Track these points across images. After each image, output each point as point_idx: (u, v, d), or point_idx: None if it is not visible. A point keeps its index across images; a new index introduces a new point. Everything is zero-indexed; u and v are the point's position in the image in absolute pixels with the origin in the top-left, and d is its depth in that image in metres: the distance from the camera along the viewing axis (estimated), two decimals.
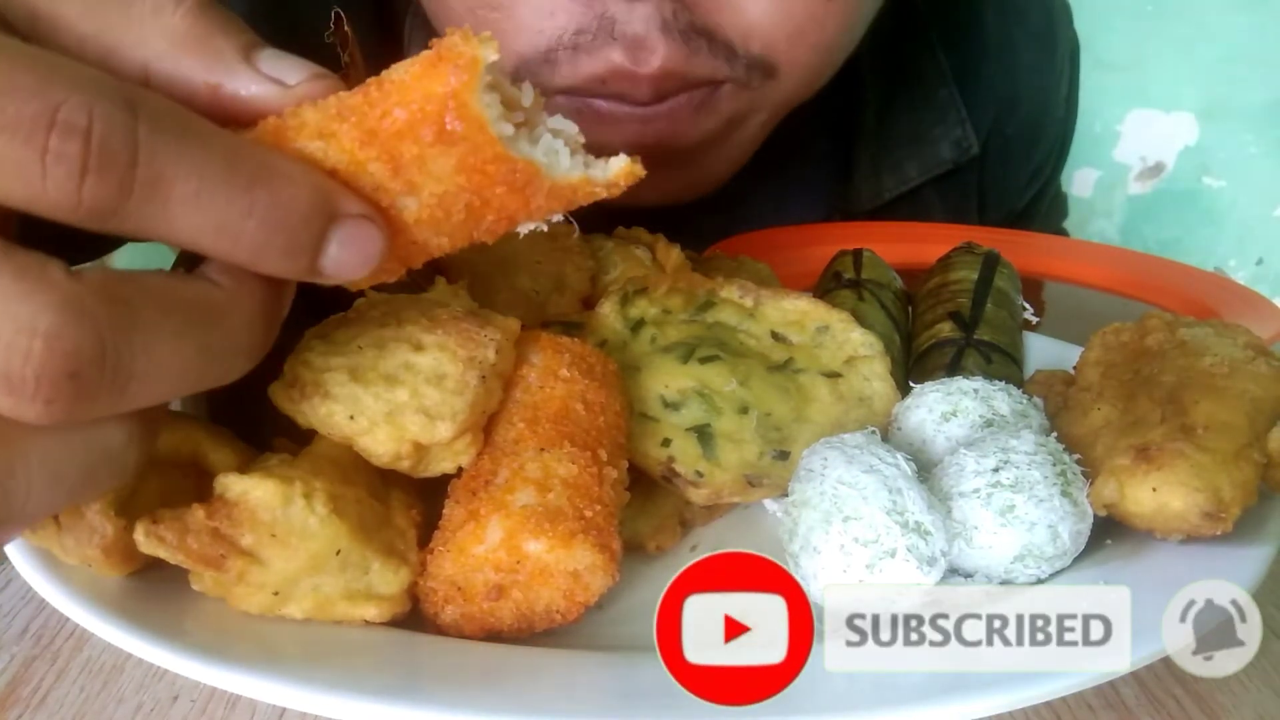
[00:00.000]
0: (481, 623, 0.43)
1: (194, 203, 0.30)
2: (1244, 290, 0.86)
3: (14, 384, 0.28)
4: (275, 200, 0.32)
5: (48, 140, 0.28)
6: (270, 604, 0.41)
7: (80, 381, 0.29)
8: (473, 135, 0.34)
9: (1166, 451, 0.44)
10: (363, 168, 0.35)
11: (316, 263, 0.34)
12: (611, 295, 0.60)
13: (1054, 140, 1.13)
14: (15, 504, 0.31)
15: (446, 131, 0.34)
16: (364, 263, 0.35)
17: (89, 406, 0.30)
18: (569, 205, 0.38)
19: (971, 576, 0.47)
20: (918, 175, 1.00)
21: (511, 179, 0.35)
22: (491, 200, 0.36)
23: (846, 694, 0.40)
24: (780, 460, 0.53)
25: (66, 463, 0.31)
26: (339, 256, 0.34)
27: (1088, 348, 0.58)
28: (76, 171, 0.28)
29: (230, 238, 0.32)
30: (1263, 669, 0.48)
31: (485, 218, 0.37)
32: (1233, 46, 1.89)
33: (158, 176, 0.29)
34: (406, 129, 0.34)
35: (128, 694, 0.47)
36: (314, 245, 0.34)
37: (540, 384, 0.48)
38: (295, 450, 0.45)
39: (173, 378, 0.32)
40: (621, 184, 0.38)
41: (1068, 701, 0.46)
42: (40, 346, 0.28)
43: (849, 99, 0.98)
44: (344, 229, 0.34)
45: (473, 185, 0.35)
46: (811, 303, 0.61)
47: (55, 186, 0.28)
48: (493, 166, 0.35)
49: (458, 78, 0.33)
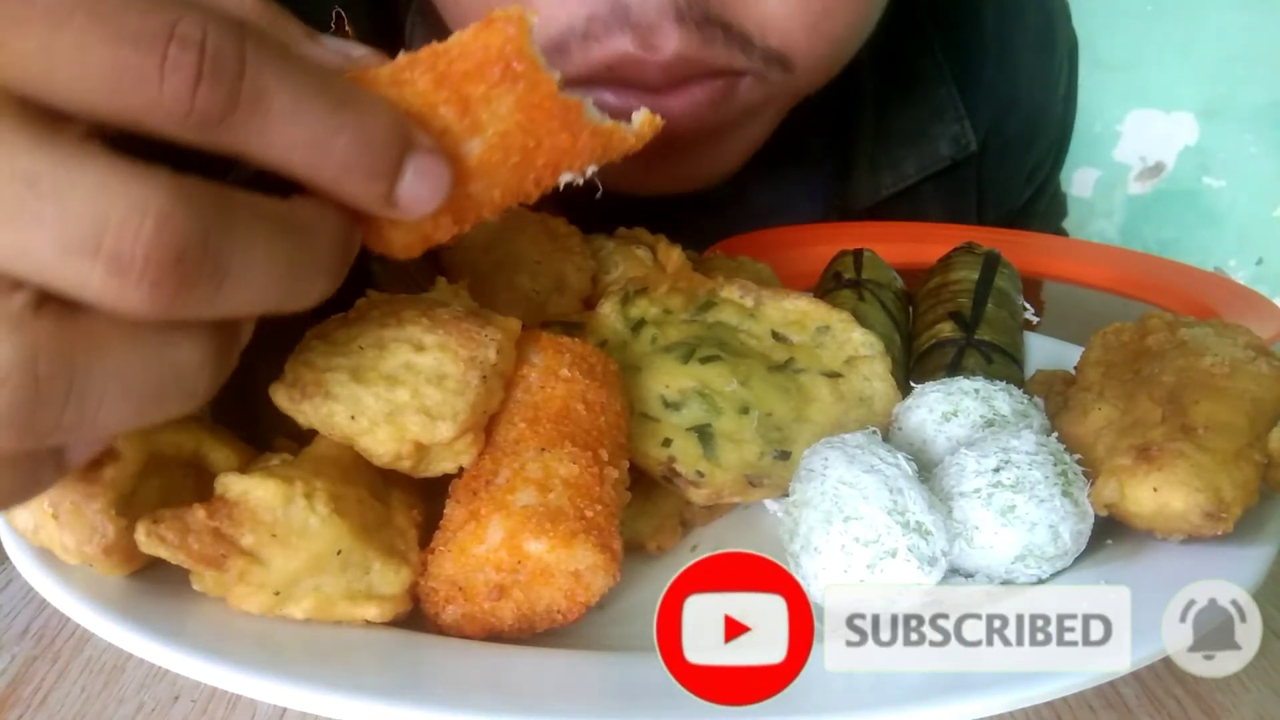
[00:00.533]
0: (482, 623, 0.43)
1: (291, 117, 0.32)
2: (1244, 290, 0.86)
3: (123, 263, 0.29)
4: (361, 121, 0.34)
5: (166, 49, 0.29)
6: (271, 604, 0.41)
7: (184, 267, 0.30)
8: (530, 73, 0.38)
9: (1167, 452, 0.44)
10: (434, 110, 0.38)
11: (393, 190, 0.36)
12: (612, 295, 0.60)
13: (1053, 138, 1.13)
14: (88, 410, 0.31)
15: (511, 69, 0.38)
16: (433, 196, 0.37)
17: (187, 298, 0.31)
18: (605, 152, 0.41)
19: (972, 576, 0.47)
20: (916, 173, 1.00)
21: (564, 115, 0.39)
22: (544, 140, 0.40)
23: (846, 694, 0.40)
24: (781, 460, 0.53)
25: (141, 375, 0.32)
26: (413, 186, 0.36)
27: (1088, 348, 0.58)
28: (191, 79, 0.30)
29: (321, 153, 0.34)
30: (1263, 669, 0.48)
31: (537, 161, 0.40)
32: (1233, 46, 1.89)
33: (262, 89, 0.31)
34: (474, 70, 0.38)
35: (129, 694, 0.47)
36: (393, 170, 0.36)
37: (541, 384, 0.48)
38: (296, 450, 0.45)
39: (262, 286, 0.33)
40: (646, 134, 0.42)
41: (1068, 701, 0.46)
42: (151, 226, 0.29)
43: (847, 97, 0.98)
44: (418, 159, 0.37)
45: (530, 123, 0.39)
46: (812, 303, 0.61)
47: (171, 93, 0.30)
48: (548, 103, 0.39)
49: (513, 28, 0.38)
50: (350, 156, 0.34)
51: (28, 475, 0.34)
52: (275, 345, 0.38)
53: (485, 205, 0.41)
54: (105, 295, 0.30)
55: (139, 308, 0.30)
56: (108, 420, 0.32)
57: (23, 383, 0.29)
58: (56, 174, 0.29)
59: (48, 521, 0.41)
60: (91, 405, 0.31)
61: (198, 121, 0.31)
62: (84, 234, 0.29)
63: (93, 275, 0.29)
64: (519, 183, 0.41)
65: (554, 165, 0.41)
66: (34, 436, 0.30)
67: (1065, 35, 1.11)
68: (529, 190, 0.41)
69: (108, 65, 0.29)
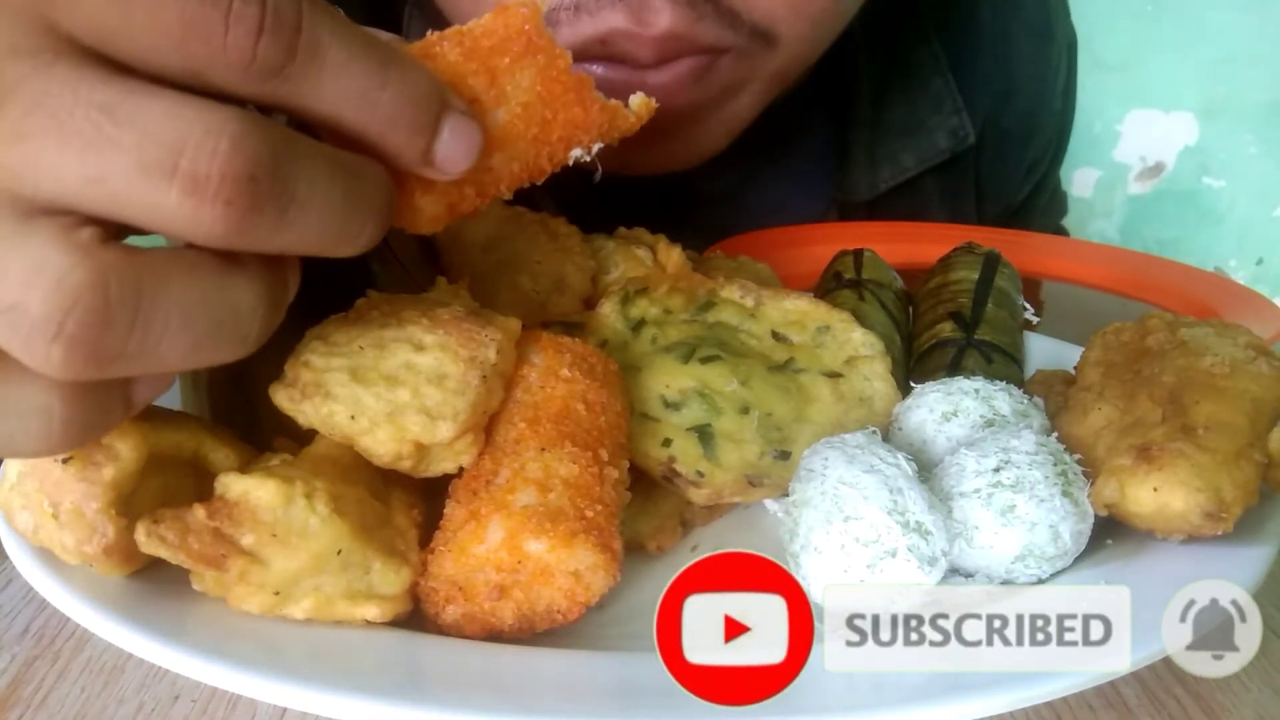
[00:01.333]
0: (483, 623, 0.43)
1: (342, 70, 0.34)
2: (1244, 290, 0.86)
3: (199, 182, 0.31)
4: (404, 79, 0.36)
5: (231, 3, 0.31)
6: (271, 604, 0.41)
7: (256, 187, 0.32)
8: (549, 48, 0.42)
9: (1167, 452, 0.44)
10: (463, 80, 0.41)
11: (432, 145, 0.38)
12: (612, 295, 0.60)
13: (1051, 133, 1.13)
14: (151, 338, 0.32)
15: (533, 42, 0.41)
16: (467, 155, 0.39)
17: (256, 220, 0.32)
18: (610, 129, 0.44)
19: (972, 576, 0.47)
20: (914, 165, 0.99)
21: (578, 88, 0.43)
22: (559, 113, 0.43)
23: (846, 694, 0.40)
24: (781, 460, 0.53)
25: (200, 309, 0.33)
26: (450, 144, 0.38)
27: (1088, 348, 0.58)
28: (254, 30, 0.32)
29: (369, 106, 0.36)
30: (1263, 669, 0.48)
31: (552, 134, 0.43)
32: (1233, 46, 1.89)
33: (317, 43, 0.33)
34: (499, 44, 0.41)
35: (129, 694, 0.47)
36: (432, 126, 0.38)
37: (541, 384, 0.48)
38: (296, 450, 0.45)
39: (321, 218, 0.35)
40: (643, 115, 0.46)
41: (1068, 701, 0.46)
42: (227, 146, 0.31)
43: (845, 90, 0.98)
44: (454, 119, 0.39)
45: (548, 95, 0.42)
46: (812, 303, 0.61)
47: (234, 43, 0.32)
48: (565, 77, 0.42)
49: (527, 9, 0.42)
50: (394, 111, 0.36)
51: (99, 408, 0.35)
52: (275, 345, 0.38)
53: (504, 179, 0.43)
54: (179, 217, 0.31)
55: (211, 229, 0.32)
56: (168, 353, 0.33)
57: (94, 303, 0.31)
58: (133, 102, 0.31)
59: (48, 521, 0.41)
60: (156, 334, 0.32)
61: (258, 71, 0.32)
62: (162, 155, 0.30)
63: (169, 196, 0.31)
64: (535, 156, 0.43)
65: (567, 139, 0.43)
66: (101, 360, 0.32)
67: (1063, 29, 1.11)
68: (543, 165, 0.44)
69: (175, 16, 0.31)
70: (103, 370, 0.32)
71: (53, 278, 0.30)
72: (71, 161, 0.30)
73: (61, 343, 0.30)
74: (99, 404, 0.35)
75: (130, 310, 0.31)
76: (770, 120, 0.91)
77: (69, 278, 0.30)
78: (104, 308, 0.31)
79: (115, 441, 0.41)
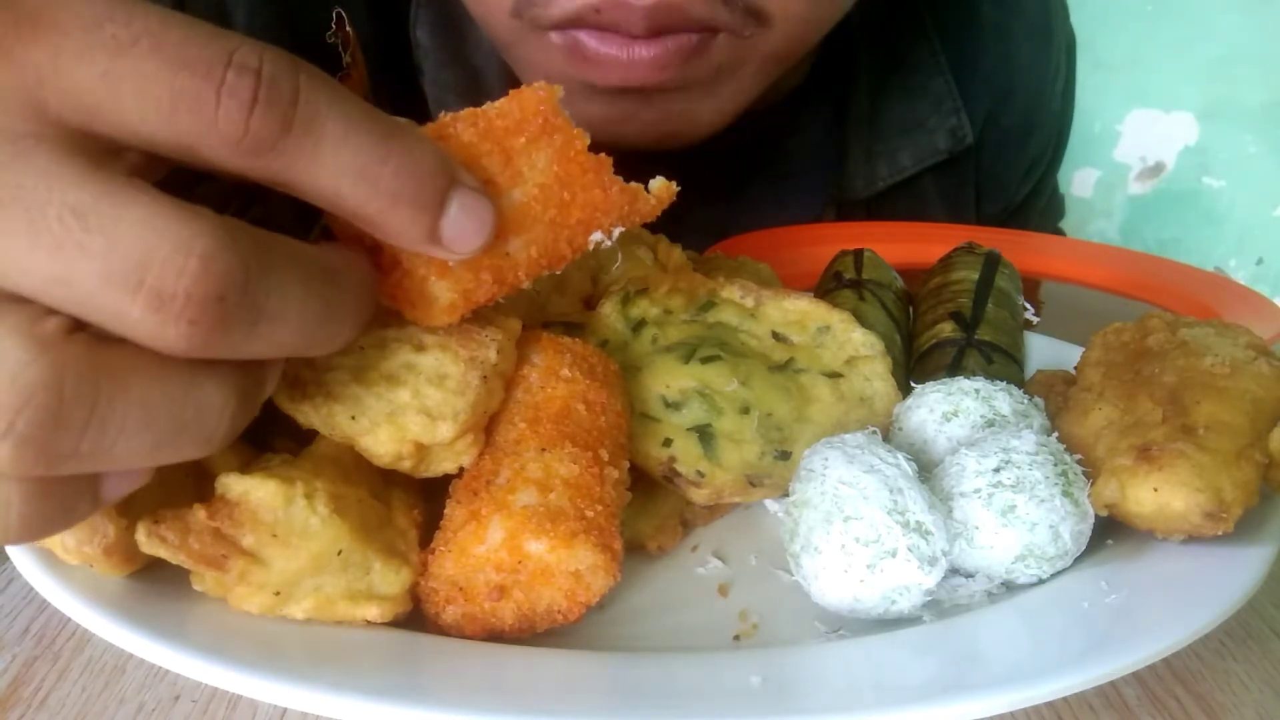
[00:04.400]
0: (483, 623, 0.43)
1: (342, 144, 0.33)
2: (1244, 290, 0.87)
3: (164, 299, 0.30)
4: (408, 152, 0.35)
5: (224, 76, 0.31)
6: (271, 604, 0.41)
7: (224, 307, 0.31)
8: (565, 128, 0.41)
9: (1168, 452, 0.44)
10: (478, 160, 0.40)
11: (438, 223, 0.37)
12: (612, 295, 0.60)
13: (1050, 133, 1.13)
14: (107, 438, 0.31)
15: (549, 122, 0.41)
16: (478, 233, 0.38)
17: (222, 337, 0.31)
18: (630, 213, 0.44)
19: (973, 576, 0.47)
20: (913, 164, 1.00)
21: (595, 169, 0.42)
22: (578, 195, 0.42)
23: (846, 694, 0.40)
24: (781, 460, 0.53)
25: (162, 410, 0.32)
26: (458, 220, 0.37)
27: (1088, 348, 0.58)
28: (247, 103, 0.31)
29: (370, 182, 0.34)
30: (1263, 669, 0.48)
31: (571, 217, 0.42)
32: (1233, 46, 1.89)
33: (314, 115, 0.32)
34: (515, 125, 0.41)
35: (129, 694, 0.47)
36: (438, 202, 0.37)
37: (541, 384, 0.48)
38: (296, 450, 0.45)
39: (294, 329, 0.34)
40: (664, 199, 0.45)
41: (1068, 701, 0.46)
42: (196, 265, 0.30)
43: (843, 87, 0.98)
44: (463, 195, 0.37)
45: (565, 176, 0.42)
46: (812, 303, 0.61)
47: (226, 117, 0.31)
48: (581, 157, 0.42)
49: (544, 92, 0.41)
50: (397, 186, 0.35)
51: (62, 504, 0.33)
52: None
53: (522, 266, 0.42)
54: (142, 329, 0.30)
55: (175, 343, 0.31)
56: (126, 452, 0.32)
57: (47, 403, 0.30)
58: (104, 208, 0.30)
59: None
60: (111, 434, 0.31)
61: (251, 146, 0.31)
62: (129, 268, 0.30)
63: (133, 309, 0.30)
64: (554, 240, 0.42)
65: (586, 222, 0.43)
66: (53, 458, 0.30)
67: (1063, 29, 1.11)
68: (563, 251, 0.43)
69: (166, 89, 0.30)
70: (55, 468, 0.31)
71: (7, 373, 0.29)
72: (40, 260, 0.29)
73: (11, 440, 0.29)
74: (60, 499, 0.33)
75: (85, 410, 0.30)
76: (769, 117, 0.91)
77: (23, 374, 0.29)
78: (57, 407, 0.30)
79: None
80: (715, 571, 0.51)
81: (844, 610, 0.45)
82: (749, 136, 0.96)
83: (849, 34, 0.96)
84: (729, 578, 0.50)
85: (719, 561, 0.51)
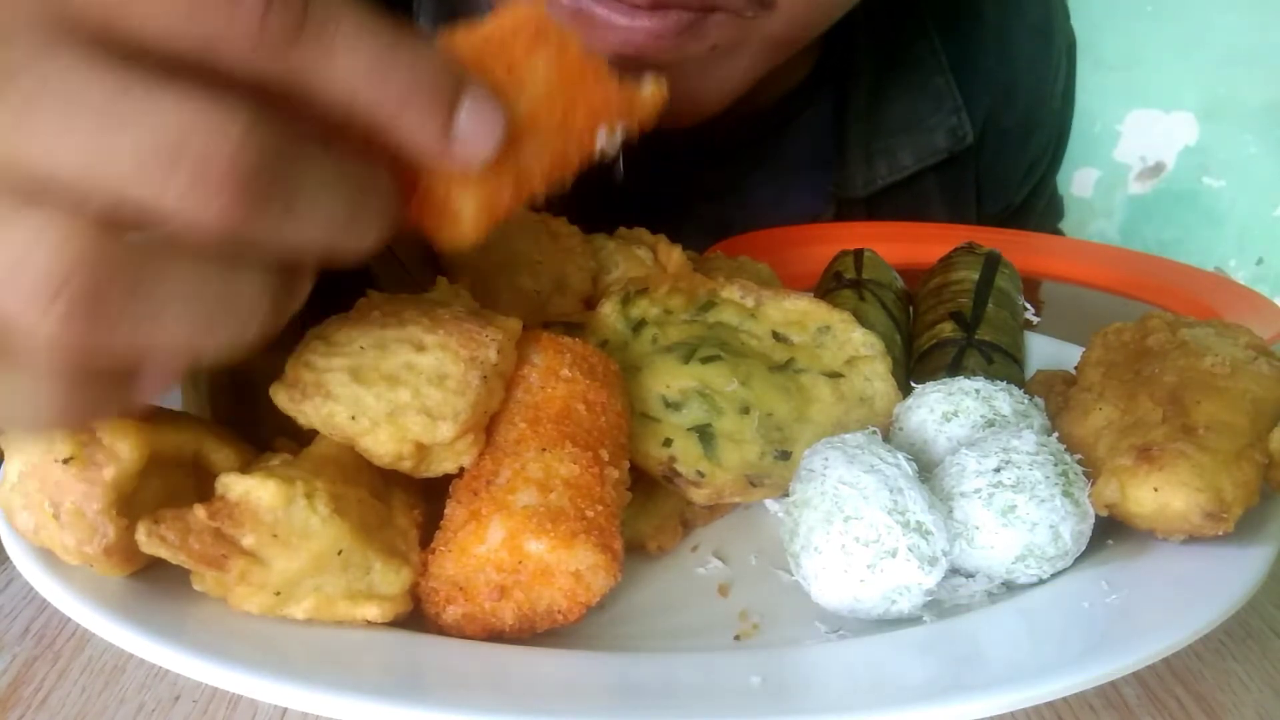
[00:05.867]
0: (483, 623, 0.43)
1: (354, 44, 0.33)
2: (1244, 290, 0.87)
3: (203, 174, 0.30)
4: (417, 54, 0.35)
5: None
6: (272, 604, 0.41)
7: (260, 184, 0.31)
8: (557, 34, 0.41)
9: (1168, 452, 0.44)
10: (482, 67, 0.40)
11: (450, 125, 0.37)
12: (613, 295, 0.60)
13: (1050, 133, 1.13)
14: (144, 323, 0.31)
15: (541, 30, 0.41)
16: (490, 135, 0.38)
17: (257, 217, 0.32)
18: (628, 110, 0.44)
19: (973, 576, 0.47)
20: (912, 163, 0.99)
21: (594, 69, 0.42)
22: (579, 97, 0.42)
23: (847, 694, 0.40)
24: (781, 460, 0.53)
25: (198, 298, 0.32)
26: (469, 125, 0.37)
27: (1089, 348, 0.58)
28: (262, 3, 0.31)
29: (381, 82, 0.34)
30: (1263, 669, 0.48)
31: (576, 120, 0.42)
32: (1233, 46, 1.89)
33: (326, 16, 0.33)
34: (511, 33, 0.41)
35: (129, 694, 0.47)
36: (448, 104, 0.36)
37: (542, 384, 0.48)
38: (297, 450, 0.45)
39: (324, 219, 0.34)
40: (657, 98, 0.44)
41: (1068, 701, 0.46)
42: (234, 141, 0.30)
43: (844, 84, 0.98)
44: (473, 98, 0.37)
45: (566, 78, 0.42)
46: (813, 303, 0.61)
47: (243, 17, 0.31)
48: (578, 61, 0.42)
49: (529, 5, 0.41)
50: (409, 86, 0.35)
51: (98, 396, 0.34)
52: (276, 345, 0.38)
53: (537, 174, 0.42)
54: (180, 206, 0.31)
55: (211, 221, 0.31)
56: (162, 340, 0.32)
57: (84, 285, 0.30)
58: (138, 91, 0.30)
59: (49, 522, 0.41)
60: (149, 318, 0.31)
61: (267, 45, 0.32)
62: (169, 143, 0.30)
63: (170, 184, 0.30)
64: (563, 145, 0.42)
65: (591, 122, 0.43)
66: (91, 343, 0.31)
67: (1063, 30, 1.11)
68: (571, 155, 0.43)
69: None
70: (93, 354, 0.31)
71: (45, 255, 0.30)
72: (75, 144, 0.30)
73: (51, 319, 0.30)
74: (96, 391, 0.34)
75: (123, 292, 0.31)
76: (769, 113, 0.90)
77: (62, 256, 0.30)
78: (96, 288, 0.30)
79: (116, 442, 0.41)
80: (715, 571, 0.51)
81: (844, 610, 0.45)
82: (749, 135, 0.95)
83: (850, 31, 0.96)
84: (729, 578, 0.50)
85: (719, 561, 0.51)
